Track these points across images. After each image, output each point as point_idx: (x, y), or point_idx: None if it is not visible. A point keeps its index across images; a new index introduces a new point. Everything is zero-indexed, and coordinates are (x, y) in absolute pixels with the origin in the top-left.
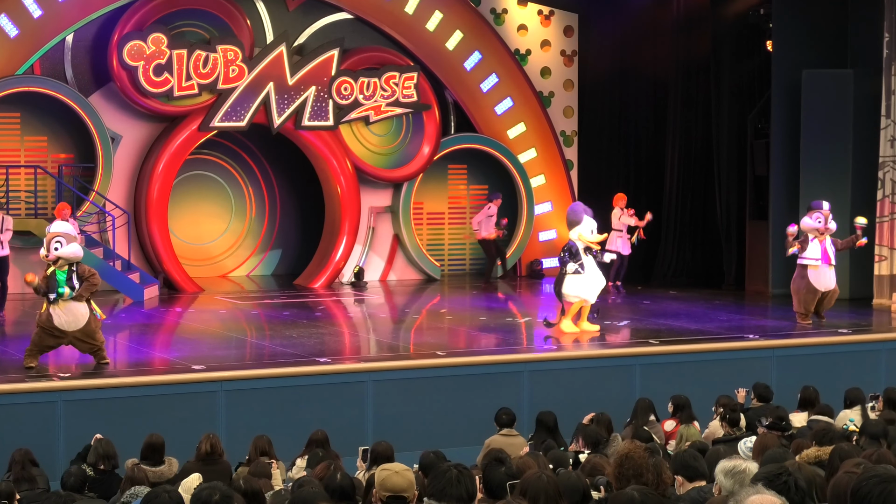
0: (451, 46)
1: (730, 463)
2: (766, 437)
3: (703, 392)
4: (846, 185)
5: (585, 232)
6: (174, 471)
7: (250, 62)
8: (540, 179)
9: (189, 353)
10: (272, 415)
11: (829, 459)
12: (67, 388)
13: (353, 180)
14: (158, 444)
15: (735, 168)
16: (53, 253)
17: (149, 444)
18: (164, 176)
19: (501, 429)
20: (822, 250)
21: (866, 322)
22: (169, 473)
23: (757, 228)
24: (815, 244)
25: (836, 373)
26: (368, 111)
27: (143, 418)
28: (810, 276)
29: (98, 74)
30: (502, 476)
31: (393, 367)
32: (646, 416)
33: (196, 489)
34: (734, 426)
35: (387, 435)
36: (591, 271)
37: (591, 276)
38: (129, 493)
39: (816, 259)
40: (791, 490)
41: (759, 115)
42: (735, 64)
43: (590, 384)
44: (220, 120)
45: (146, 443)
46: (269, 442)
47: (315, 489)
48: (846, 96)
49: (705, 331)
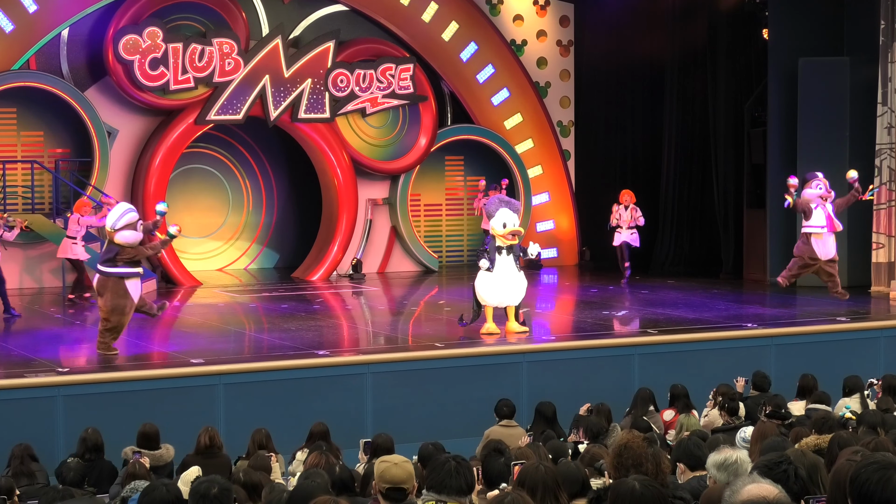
0: (447, 37)
1: (720, 456)
2: (765, 426)
3: (701, 381)
4: (843, 172)
5: (497, 226)
6: (171, 454)
7: (246, 55)
8: (537, 170)
9: (187, 346)
10: (271, 408)
11: (828, 447)
12: (66, 383)
13: (350, 172)
14: (153, 434)
15: (732, 157)
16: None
17: (143, 434)
18: (161, 170)
19: (501, 420)
20: (827, 217)
21: (864, 310)
22: (168, 457)
23: (754, 217)
24: (820, 212)
25: (834, 361)
26: (365, 103)
27: (143, 412)
28: (814, 244)
29: (94, 69)
30: (502, 467)
31: (392, 359)
32: (645, 405)
33: (195, 482)
34: (733, 415)
35: (386, 427)
36: (505, 272)
37: (502, 278)
38: (129, 488)
39: (822, 227)
40: (790, 479)
41: (756, 104)
42: (731, 52)
43: (588, 374)
44: (216, 113)
45: (140, 432)
46: (268, 435)
47: (318, 481)
48: (843, 84)
49: (703, 320)
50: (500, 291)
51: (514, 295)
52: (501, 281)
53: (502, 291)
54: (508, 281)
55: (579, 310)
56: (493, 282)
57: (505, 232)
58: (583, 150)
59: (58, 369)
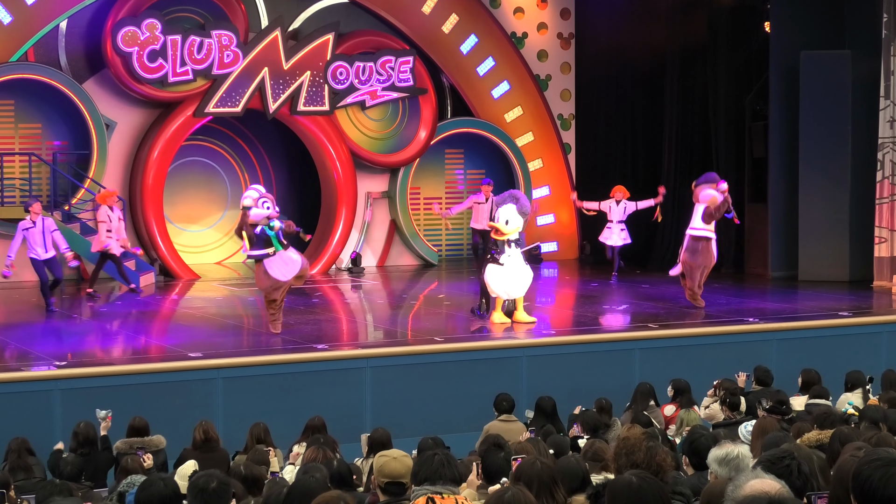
0: (447, 30)
1: (721, 451)
2: (766, 421)
3: (702, 376)
4: (846, 167)
5: (500, 222)
6: (163, 440)
7: (245, 47)
8: (537, 163)
9: (186, 340)
10: (270, 402)
11: (830, 443)
12: (63, 377)
13: (350, 165)
14: (142, 427)
15: (733, 150)
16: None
17: (132, 427)
18: (160, 162)
19: (501, 414)
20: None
21: (867, 304)
22: (159, 442)
23: (756, 211)
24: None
25: (836, 356)
26: (364, 96)
27: (140, 406)
28: (713, 248)
29: (92, 61)
30: (501, 462)
31: (391, 354)
32: (645, 400)
33: (193, 477)
34: (734, 410)
35: (385, 421)
36: (513, 265)
37: (510, 271)
38: (126, 483)
39: (713, 230)
40: (793, 474)
41: (757, 98)
42: (733, 46)
43: (589, 369)
44: (214, 106)
45: (130, 426)
46: (266, 430)
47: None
48: (845, 78)
49: (705, 314)
50: (509, 283)
51: (520, 287)
52: (510, 273)
53: (511, 283)
54: (516, 273)
55: (579, 304)
56: (503, 274)
57: (507, 228)
58: (583, 144)
59: (55, 362)
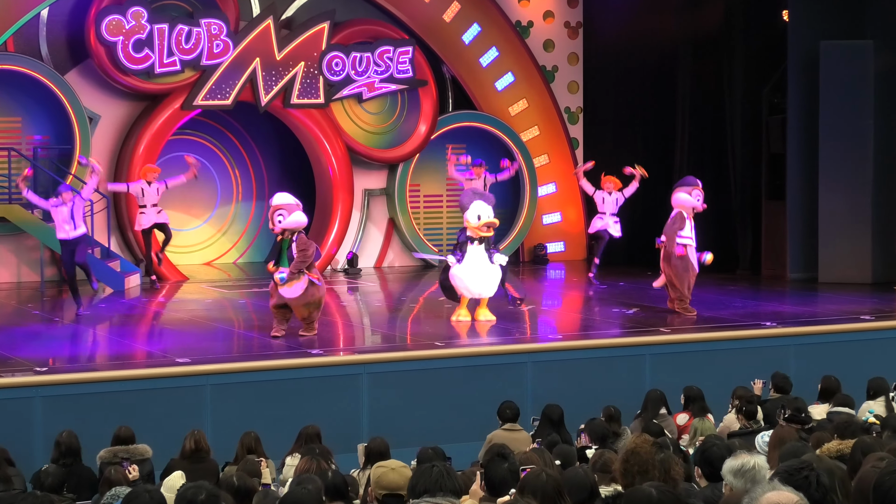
0: (448, 18)
1: (736, 462)
2: (784, 431)
3: (717, 383)
4: (868, 162)
5: (472, 218)
6: (149, 450)
7: (235, 37)
8: (543, 159)
9: (173, 345)
10: (261, 410)
11: (852, 453)
12: (45, 384)
13: (346, 161)
14: (128, 438)
15: (749, 146)
16: (278, 226)
17: (117, 437)
18: (146, 158)
19: (504, 423)
20: (694, 229)
21: (890, 308)
22: (144, 452)
23: (773, 209)
24: (688, 223)
25: (858, 362)
26: (361, 88)
27: (125, 415)
28: (690, 256)
29: (75, 51)
30: (505, 472)
31: (389, 359)
32: (657, 408)
33: (181, 488)
34: (751, 419)
35: (383, 430)
36: (477, 263)
37: (472, 269)
38: (110, 495)
39: (692, 238)
40: (812, 486)
41: (775, 90)
42: (748, 35)
43: (597, 375)
44: (203, 98)
45: (115, 436)
46: (257, 439)
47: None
48: (866, 68)
49: (719, 318)
50: (474, 282)
51: (488, 286)
52: (474, 272)
53: (476, 282)
54: (481, 272)
55: (587, 307)
56: (466, 273)
57: (480, 224)
58: (592, 139)
59: (35, 368)
